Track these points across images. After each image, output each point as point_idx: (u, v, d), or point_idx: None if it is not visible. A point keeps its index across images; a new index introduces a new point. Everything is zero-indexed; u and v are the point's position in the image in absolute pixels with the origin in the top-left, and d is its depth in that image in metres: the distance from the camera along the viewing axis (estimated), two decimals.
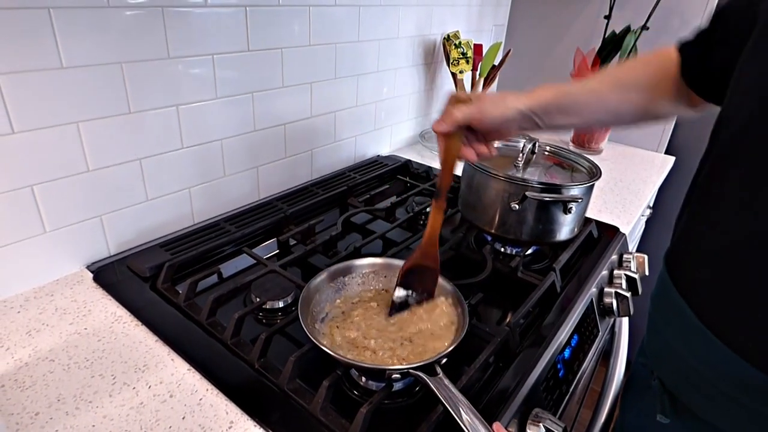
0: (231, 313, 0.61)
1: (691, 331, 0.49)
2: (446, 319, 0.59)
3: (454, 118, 0.58)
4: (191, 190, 0.85)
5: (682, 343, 0.52)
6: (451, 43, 1.25)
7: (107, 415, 0.51)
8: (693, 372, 0.51)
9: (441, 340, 0.56)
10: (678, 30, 1.32)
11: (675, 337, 0.53)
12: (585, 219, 0.87)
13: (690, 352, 0.51)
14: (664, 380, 0.57)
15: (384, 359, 0.53)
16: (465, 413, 0.46)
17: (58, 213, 0.68)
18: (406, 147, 1.38)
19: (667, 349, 0.55)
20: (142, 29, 0.69)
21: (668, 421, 0.57)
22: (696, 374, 0.51)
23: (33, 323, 0.63)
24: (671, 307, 0.53)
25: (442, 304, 0.61)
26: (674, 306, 0.52)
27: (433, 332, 0.57)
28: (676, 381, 0.55)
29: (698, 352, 0.49)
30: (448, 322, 0.58)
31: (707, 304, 0.48)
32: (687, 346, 0.51)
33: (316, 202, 0.96)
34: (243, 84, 0.86)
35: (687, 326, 0.50)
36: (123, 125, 0.71)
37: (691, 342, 0.50)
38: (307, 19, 0.92)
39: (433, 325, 0.58)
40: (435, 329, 0.58)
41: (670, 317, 0.54)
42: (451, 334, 0.57)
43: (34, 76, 0.60)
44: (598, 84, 0.61)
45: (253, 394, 0.54)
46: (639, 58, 0.65)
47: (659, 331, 0.57)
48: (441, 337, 0.56)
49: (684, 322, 0.50)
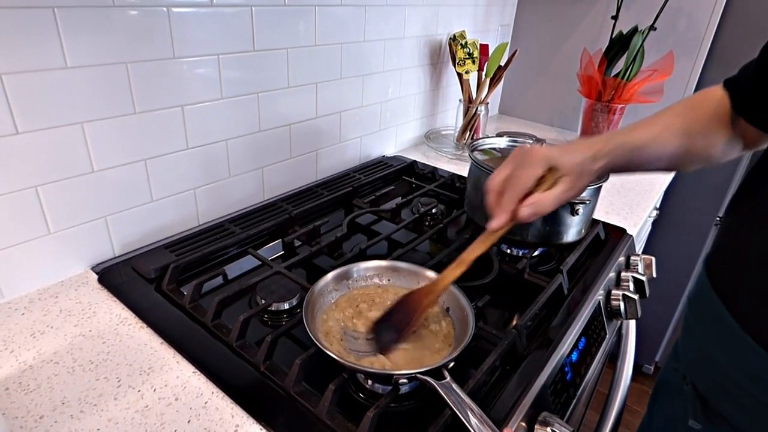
0: (236, 315, 0.61)
1: (730, 336, 0.49)
2: (438, 342, 0.57)
3: (544, 208, 0.52)
4: (196, 191, 0.85)
5: (719, 348, 0.51)
6: (457, 43, 1.24)
7: (112, 418, 0.51)
8: (728, 378, 0.50)
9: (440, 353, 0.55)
10: (686, 30, 1.31)
11: (711, 341, 0.52)
12: (592, 221, 0.86)
13: (726, 357, 0.50)
14: (698, 385, 0.56)
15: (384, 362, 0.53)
16: (474, 418, 0.45)
17: (62, 214, 0.68)
18: (412, 147, 1.37)
19: (703, 353, 0.54)
20: (147, 29, 0.69)
21: (700, 427, 0.56)
22: (731, 380, 0.50)
23: (37, 325, 0.62)
24: (709, 311, 0.52)
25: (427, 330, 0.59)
26: (712, 310, 0.51)
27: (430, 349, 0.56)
28: (710, 386, 0.54)
29: (736, 358, 0.49)
30: (441, 345, 0.57)
31: (748, 309, 0.48)
32: (724, 351, 0.50)
33: (322, 203, 0.95)
34: (248, 84, 0.85)
35: (725, 331, 0.49)
36: (128, 126, 0.71)
37: (729, 347, 0.49)
38: (312, 18, 0.92)
39: (427, 348, 0.57)
40: (430, 349, 0.56)
41: (707, 321, 0.53)
42: (447, 347, 0.56)
43: (39, 76, 0.60)
44: (659, 132, 0.57)
45: (258, 397, 0.54)
46: (689, 101, 0.60)
47: (695, 335, 0.56)
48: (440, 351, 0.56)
49: (722, 326, 0.50)
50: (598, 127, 1.36)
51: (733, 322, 0.49)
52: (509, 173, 0.54)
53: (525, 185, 0.52)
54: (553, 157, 0.52)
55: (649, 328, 1.70)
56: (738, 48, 1.31)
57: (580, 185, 0.54)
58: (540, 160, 0.52)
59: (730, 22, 1.30)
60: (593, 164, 0.53)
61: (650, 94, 1.29)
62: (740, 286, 0.50)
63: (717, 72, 1.34)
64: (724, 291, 0.51)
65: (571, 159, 0.53)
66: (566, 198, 0.53)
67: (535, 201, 0.52)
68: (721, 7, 1.27)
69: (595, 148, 0.54)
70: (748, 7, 1.28)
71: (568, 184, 0.52)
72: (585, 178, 0.54)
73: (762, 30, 1.28)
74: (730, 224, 0.54)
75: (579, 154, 0.53)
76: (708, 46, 1.31)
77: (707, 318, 0.54)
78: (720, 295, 0.51)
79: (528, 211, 0.52)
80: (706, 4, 1.28)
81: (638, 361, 1.75)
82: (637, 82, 1.28)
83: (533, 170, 0.52)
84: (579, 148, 0.54)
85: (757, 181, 0.51)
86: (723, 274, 0.52)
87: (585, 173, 0.53)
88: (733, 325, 0.49)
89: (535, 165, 0.52)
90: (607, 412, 0.78)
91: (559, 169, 0.52)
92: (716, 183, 1.48)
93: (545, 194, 0.52)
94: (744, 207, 0.51)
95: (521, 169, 0.53)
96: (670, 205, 1.55)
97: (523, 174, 0.52)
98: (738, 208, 0.53)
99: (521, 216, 0.52)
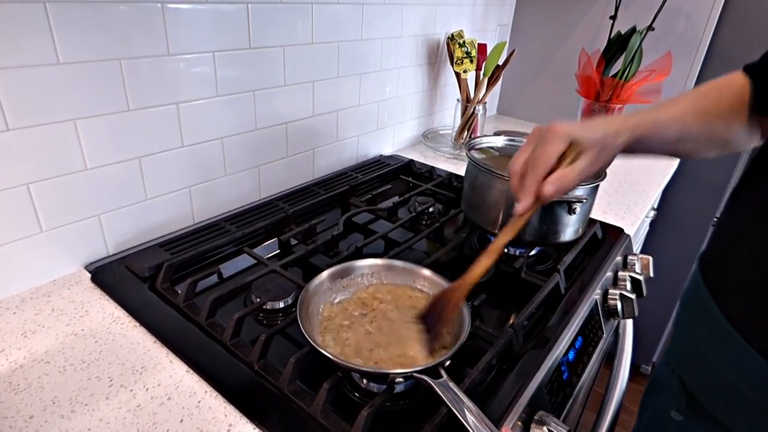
0: (231, 314, 0.60)
1: (721, 334, 0.48)
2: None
3: (569, 183, 0.51)
4: (191, 189, 0.84)
5: (710, 346, 0.51)
6: (455, 42, 1.24)
7: (103, 418, 0.50)
8: (718, 376, 0.50)
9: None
10: (684, 31, 1.31)
11: (702, 339, 0.52)
12: (589, 220, 0.86)
13: (717, 356, 0.50)
14: (686, 381, 0.56)
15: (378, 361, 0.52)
16: (472, 417, 0.45)
17: (55, 212, 0.67)
18: (409, 147, 1.37)
19: (693, 351, 0.54)
20: (141, 25, 0.68)
21: (682, 418, 0.56)
22: (721, 378, 0.50)
23: (29, 324, 0.62)
24: (701, 308, 0.52)
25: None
26: (705, 308, 0.51)
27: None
28: (699, 383, 0.54)
29: (726, 357, 0.48)
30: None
31: (739, 308, 0.48)
32: (714, 349, 0.50)
33: (318, 202, 0.95)
34: (244, 82, 0.85)
35: (716, 329, 0.49)
36: (122, 123, 0.70)
37: (720, 346, 0.49)
38: (309, 16, 0.91)
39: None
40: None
41: (699, 319, 0.53)
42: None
43: (30, 72, 0.59)
44: (682, 112, 0.56)
45: (252, 397, 0.53)
46: (712, 85, 0.58)
47: (686, 332, 0.56)
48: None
49: (713, 325, 0.49)
50: None
51: (724, 320, 0.48)
52: (530, 153, 0.52)
53: (547, 163, 0.51)
54: (573, 132, 0.51)
55: (646, 327, 1.70)
56: (736, 48, 1.31)
57: (603, 158, 0.52)
58: (561, 136, 0.51)
59: (728, 22, 1.30)
60: (616, 138, 0.52)
61: (648, 95, 1.29)
62: (733, 284, 0.49)
63: (715, 72, 1.32)
64: (717, 289, 0.51)
65: (593, 133, 0.51)
66: (590, 171, 0.52)
67: (559, 177, 0.51)
68: (720, 7, 1.27)
69: (618, 122, 0.52)
70: (746, 7, 1.28)
71: (590, 157, 0.51)
72: (608, 151, 0.52)
73: (760, 30, 1.28)
74: (725, 223, 0.53)
75: (601, 128, 0.52)
76: (706, 46, 1.31)
77: (699, 315, 0.53)
78: (712, 294, 0.51)
79: (552, 188, 0.50)
80: (704, 5, 1.28)
81: (635, 361, 1.75)
82: (635, 83, 1.28)
83: (554, 146, 0.51)
84: (600, 124, 0.53)
85: (754, 180, 0.51)
86: (716, 273, 0.52)
87: (608, 147, 0.52)
88: (724, 323, 0.48)
89: (556, 141, 0.51)
90: (604, 412, 0.77)
91: (581, 144, 0.51)
92: (714, 183, 1.47)
93: (568, 169, 0.51)
94: (740, 206, 0.51)
95: (542, 147, 0.51)
96: (668, 204, 1.55)
97: (545, 151, 0.51)
98: (734, 207, 0.52)
99: (545, 194, 0.51)
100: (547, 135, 0.52)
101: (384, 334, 0.57)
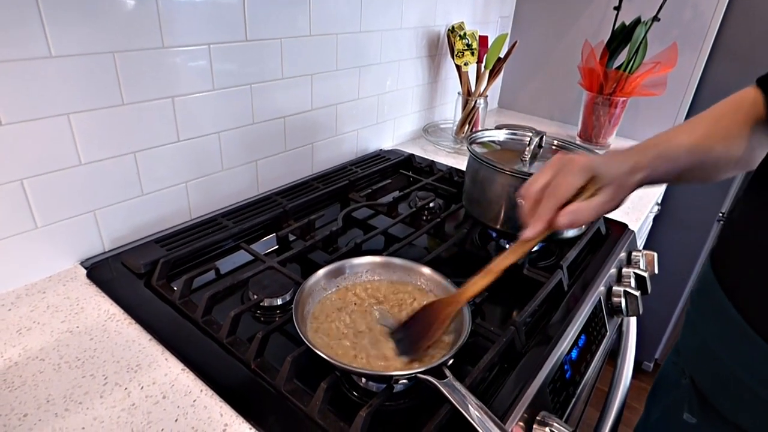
0: (227, 311, 0.59)
1: (733, 330, 0.48)
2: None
3: (584, 218, 0.50)
4: (188, 185, 0.83)
5: (721, 343, 0.50)
6: (455, 34, 1.22)
7: (97, 416, 0.49)
8: (730, 374, 0.49)
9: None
10: (690, 21, 1.29)
11: (714, 336, 0.51)
12: None
13: (729, 353, 0.49)
14: (696, 380, 0.56)
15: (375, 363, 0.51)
16: (481, 416, 0.44)
17: (49, 208, 0.66)
18: (409, 141, 1.35)
19: (704, 348, 0.53)
20: (135, 17, 0.67)
21: (695, 421, 0.55)
22: (733, 376, 0.49)
23: (24, 321, 0.61)
24: (713, 305, 0.51)
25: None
26: (717, 304, 0.50)
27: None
28: (710, 382, 0.53)
29: (738, 354, 0.48)
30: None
31: (753, 304, 0.47)
32: (726, 346, 0.49)
33: (317, 197, 0.94)
34: (241, 75, 0.83)
35: (728, 326, 0.48)
36: (116, 117, 0.69)
37: (732, 343, 0.48)
38: (307, 8, 0.90)
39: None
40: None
41: (710, 315, 0.52)
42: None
43: (22, 65, 0.58)
44: (702, 138, 0.54)
45: (248, 396, 0.52)
46: (726, 105, 0.56)
47: (697, 330, 0.55)
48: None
49: (725, 321, 0.49)
50: (599, 121, 1.34)
51: (737, 316, 0.48)
52: (548, 181, 0.52)
53: (566, 194, 0.51)
54: (595, 166, 0.51)
55: (648, 324, 1.68)
56: (744, 39, 1.28)
57: (620, 197, 0.52)
58: (582, 170, 0.51)
59: (736, 12, 1.27)
60: (631, 177, 0.52)
61: (653, 87, 1.27)
62: (746, 279, 0.49)
63: (722, 64, 1.31)
64: (729, 285, 0.50)
65: (614, 170, 0.51)
66: (607, 209, 0.51)
67: (576, 209, 0.50)
68: None
69: (633, 160, 0.52)
70: None
71: (609, 195, 0.51)
72: (626, 189, 0.52)
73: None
74: (737, 217, 0.52)
75: (620, 164, 0.52)
76: (713, 37, 1.28)
77: (710, 312, 0.53)
78: (725, 289, 0.50)
79: (567, 219, 0.50)
80: None
81: (638, 357, 1.74)
82: (639, 75, 1.26)
83: (575, 179, 0.51)
84: (620, 158, 0.53)
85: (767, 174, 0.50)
86: (729, 269, 0.51)
87: (626, 185, 0.52)
88: (737, 319, 0.48)
89: (577, 174, 0.51)
90: (607, 410, 0.76)
91: (601, 179, 0.51)
92: None
93: (585, 203, 0.51)
94: (754, 200, 0.50)
95: (563, 177, 0.51)
96: (672, 200, 1.53)
97: (564, 182, 0.51)
98: (747, 202, 0.51)
99: (559, 224, 0.51)
100: (569, 165, 0.51)
101: (374, 333, 0.56)
